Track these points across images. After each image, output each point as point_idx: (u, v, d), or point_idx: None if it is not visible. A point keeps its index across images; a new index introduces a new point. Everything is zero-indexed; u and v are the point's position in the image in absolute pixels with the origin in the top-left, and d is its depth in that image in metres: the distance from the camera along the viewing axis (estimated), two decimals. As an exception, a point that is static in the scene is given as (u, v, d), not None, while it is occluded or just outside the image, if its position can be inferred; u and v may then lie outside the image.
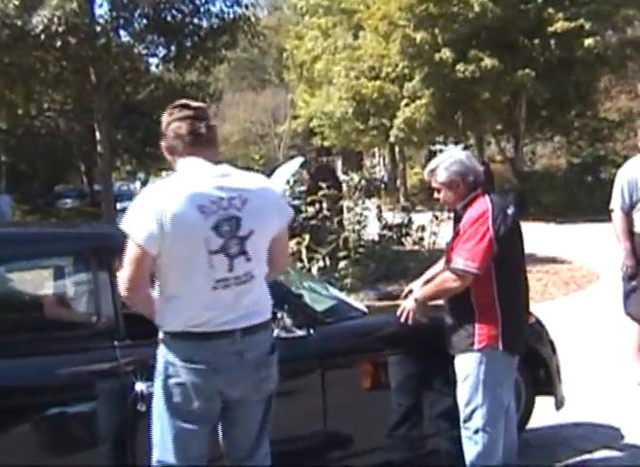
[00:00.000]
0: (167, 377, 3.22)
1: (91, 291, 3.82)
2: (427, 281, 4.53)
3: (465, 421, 4.20)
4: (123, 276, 3.18)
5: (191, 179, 3.20)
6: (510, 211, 4.15)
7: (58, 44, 18.19)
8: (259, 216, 3.24)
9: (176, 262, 3.14)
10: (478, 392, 4.12)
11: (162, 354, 3.25)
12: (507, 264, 4.09)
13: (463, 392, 4.19)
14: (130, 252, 3.13)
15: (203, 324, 3.16)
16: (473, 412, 4.15)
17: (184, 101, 3.43)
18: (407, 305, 4.38)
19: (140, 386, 3.57)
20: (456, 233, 4.20)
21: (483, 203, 4.10)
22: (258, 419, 3.42)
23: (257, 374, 3.30)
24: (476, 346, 4.08)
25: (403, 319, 4.35)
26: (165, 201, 3.09)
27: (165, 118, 3.39)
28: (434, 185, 4.28)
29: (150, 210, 3.09)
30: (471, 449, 4.19)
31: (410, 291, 4.67)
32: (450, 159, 4.26)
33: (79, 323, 4.02)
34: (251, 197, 3.23)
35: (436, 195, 4.33)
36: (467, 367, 4.14)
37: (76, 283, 4.15)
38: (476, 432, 4.15)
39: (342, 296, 5.25)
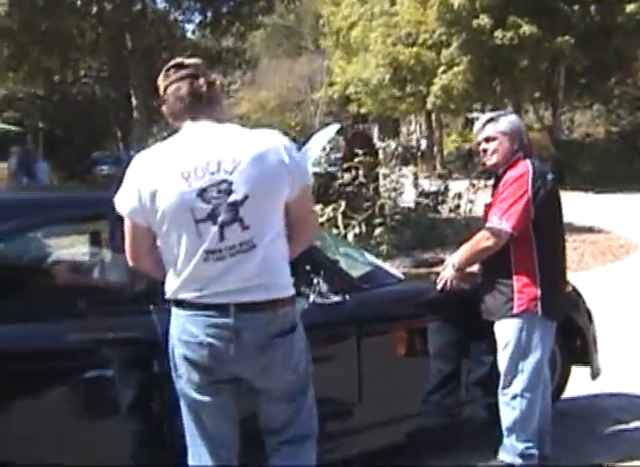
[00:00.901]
0: (173, 347, 3.12)
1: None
2: None
3: (504, 388, 4.18)
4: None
5: (175, 145, 3.03)
6: (549, 177, 4.12)
7: (94, 10, 18.25)
8: (256, 179, 2.92)
9: (164, 232, 2.97)
10: (518, 359, 4.10)
11: (171, 323, 3.15)
12: (546, 229, 4.06)
13: (504, 359, 4.16)
14: (125, 224, 3.08)
15: (189, 293, 2.99)
16: (513, 378, 4.13)
17: (178, 60, 3.17)
18: (445, 274, 4.35)
19: None
20: (495, 194, 4.17)
21: (525, 166, 4.07)
22: (283, 410, 3.19)
23: (256, 360, 3.01)
24: (515, 310, 4.05)
25: (440, 287, 4.32)
26: (145, 173, 2.97)
27: (162, 81, 3.14)
28: (490, 134, 4.18)
29: (132, 184, 2.99)
30: (508, 414, 4.17)
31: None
32: (510, 114, 4.31)
33: (114, 287, 4.04)
34: (246, 159, 2.91)
35: (484, 145, 4.21)
36: (507, 333, 4.12)
37: (112, 248, 4.15)
38: (514, 398, 4.14)
39: (379, 262, 5.22)
